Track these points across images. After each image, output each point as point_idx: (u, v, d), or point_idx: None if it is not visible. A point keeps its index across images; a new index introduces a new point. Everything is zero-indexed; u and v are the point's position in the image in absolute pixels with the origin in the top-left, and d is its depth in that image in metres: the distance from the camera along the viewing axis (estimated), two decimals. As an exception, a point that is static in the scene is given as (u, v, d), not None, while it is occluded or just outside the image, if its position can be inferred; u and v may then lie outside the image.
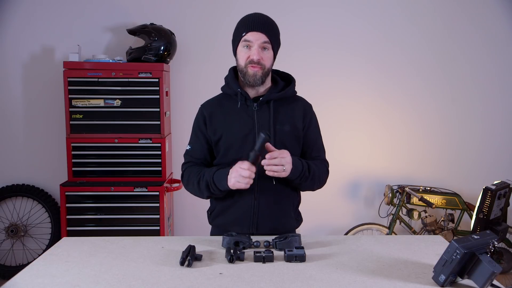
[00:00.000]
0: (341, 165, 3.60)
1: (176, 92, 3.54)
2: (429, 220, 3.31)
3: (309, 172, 1.72)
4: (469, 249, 1.24)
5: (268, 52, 1.70)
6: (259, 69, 1.69)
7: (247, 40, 1.68)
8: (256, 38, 1.67)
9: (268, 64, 1.71)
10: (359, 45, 3.59)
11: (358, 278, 1.36)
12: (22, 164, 3.56)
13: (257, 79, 1.70)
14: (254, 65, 1.68)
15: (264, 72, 1.70)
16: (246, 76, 1.71)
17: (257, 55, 1.67)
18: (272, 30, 1.71)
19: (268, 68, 1.72)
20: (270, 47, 1.70)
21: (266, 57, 1.69)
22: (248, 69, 1.70)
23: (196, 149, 1.82)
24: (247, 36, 1.68)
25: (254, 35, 1.67)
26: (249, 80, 1.71)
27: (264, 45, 1.68)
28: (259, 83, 1.72)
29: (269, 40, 1.68)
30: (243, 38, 1.69)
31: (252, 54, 1.68)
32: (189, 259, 1.45)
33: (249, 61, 1.68)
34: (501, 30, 3.60)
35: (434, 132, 3.68)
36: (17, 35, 3.47)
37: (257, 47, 1.67)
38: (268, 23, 1.71)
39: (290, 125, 1.76)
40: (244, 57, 1.70)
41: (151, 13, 3.45)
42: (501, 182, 3.07)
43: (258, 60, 1.67)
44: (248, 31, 1.67)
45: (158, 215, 3.14)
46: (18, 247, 3.58)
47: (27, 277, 1.37)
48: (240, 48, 1.71)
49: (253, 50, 1.68)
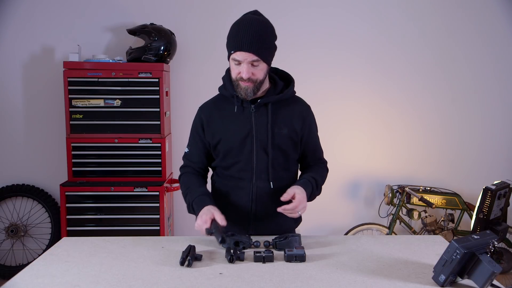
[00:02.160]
0: (341, 165, 3.60)
1: (176, 92, 3.54)
2: (429, 220, 3.31)
3: (318, 189, 1.77)
4: (469, 249, 1.24)
5: (259, 66, 1.64)
6: (250, 84, 1.65)
7: (235, 59, 1.63)
8: (244, 57, 1.61)
9: (260, 77, 1.66)
10: (359, 45, 3.59)
11: (358, 278, 1.36)
12: (22, 164, 3.56)
13: (249, 92, 1.66)
14: (245, 81, 1.64)
15: (256, 84, 1.66)
16: (238, 89, 1.68)
17: (246, 74, 1.62)
18: (262, 45, 1.62)
19: (261, 79, 1.67)
20: (261, 62, 1.63)
21: (257, 72, 1.64)
22: (239, 83, 1.66)
23: (193, 153, 1.83)
24: (235, 55, 1.62)
25: (242, 54, 1.60)
26: (240, 93, 1.67)
27: (253, 62, 1.62)
28: (250, 97, 1.68)
29: (259, 58, 1.61)
30: (231, 56, 1.64)
31: (241, 72, 1.63)
32: (189, 259, 1.45)
33: (240, 77, 1.65)
34: (501, 30, 3.60)
35: (434, 132, 3.68)
36: (17, 35, 3.47)
37: (246, 65, 1.62)
38: (257, 38, 1.60)
39: (288, 129, 1.75)
40: (235, 72, 1.66)
41: (151, 13, 3.45)
42: (501, 182, 3.07)
43: (247, 78, 1.63)
44: (236, 50, 1.61)
45: (158, 215, 3.14)
46: (18, 247, 3.58)
47: (27, 277, 1.37)
48: (231, 62, 1.67)
49: (242, 68, 1.63)
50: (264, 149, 1.72)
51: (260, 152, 1.72)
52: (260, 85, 1.69)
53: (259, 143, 1.72)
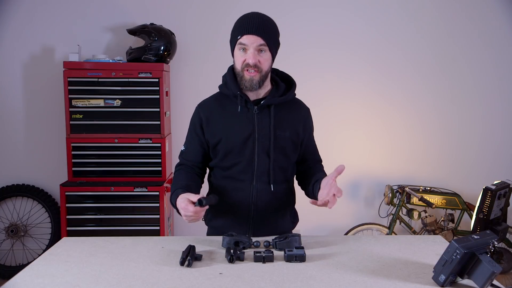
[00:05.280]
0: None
1: (176, 92, 3.54)
2: (429, 220, 3.31)
3: None
4: (469, 249, 1.24)
5: (265, 54, 1.64)
6: (255, 73, 1.64)
7: (242, 43, 1.62)
8: (251, 41, 1.61)
9: (265, 67, 1.66)
10: (359, 45, 3.59)
11: (358, 278, 1.36)
12: (22, 164, 3.56)
13: (254, 84, 1.65)
14: (250, 69, 1.63)
15: (262, 75, 1.66)
16: (243, 81, 1.66)
17: (253, 59, 1.62)
18: (269, 32, 1.64)
19: (266, 71, 1.67)
20: (267, 49, 1.64)
21: (263, 60, 1.64)
22: (244, 74, 1.65)
23: (190, 151, 1.80)
24: (242, 39, 1.62)
25: (249, 38, 1.61)
26: (245, 85, 1.66)
27: (260, 47, 1.62)
28: (256, 88, 1.67)
29: (266, 43, 1.62)
30: (238, 41, 1.63)
31: (248, 58, 1.62)
32: (189, 259, 1.45)
33: (245, 65, 1.64)
34: (501, 30, 3.60)
35: (434, 132, 3.68)
36: (17, 35, 3.47)
37: (253, 50, 1.62)
38: (264, 24, 1.64)
39: (290, 131, 1.74)
40: (240, 60, 1.65)
41: (151, 13, 3.45)
42: (501, 182, 3.07)
43: (254, 64, 1.62)
44: (243, 34, 1.62)
45: (158, 215, 3.14)
46: (18, 247, 3.58)
47: (27, 277, 1.37)
48: (236, 51, 1.66)
49: (249, 54, 1.62)
50: (266, 151, 1.71)
51: (262, 154, 1.71)
52: (265, 78, 1.69)
53: (261, 145, 1.71)
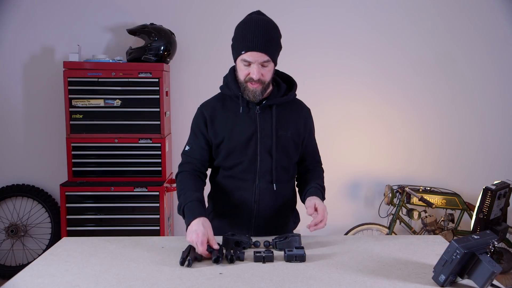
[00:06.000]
0: (341, 165, 3.60)
1: (176, 92, 3.54)
2: (429, 220, 3.31)
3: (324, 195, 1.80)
4: (469, 249, 1.24)
5: (269, 66, 1.64)
6: (259, 85, 1.64)
7: (246, 60, 1.61)
8: (255, 58, 1.60)
9: (268, 78, 1.66)
10: (359, 45, 3.59)
11: (358, 278, 1.36)
12: (22, 164, 3.56)
13: (257, 95, 1.66)
14: (254, 82, 1.63)
15: (264, 86, 1.66)
16: (246, 91, 1.66)
17: (257, 75, 1.61)
18: (272, 45, 1.63)
19: (268, 81, 1.67)
20: (270, 61, 1.63)
21: (266, 72, 1.64)
22: (247, 85, 1.65)
23: (195, 150, 1.78)
24: (246, 56, 1.60)
25: (254, 55, 1.59)
26: (248, 96, 1.66)
27: (264, 63, 1.62)
28: (258, 99, 1.68)
29: (270, 58, 1.62)
30: (242, 57, 1.62)
31: (252, 73, 1.61)
32: (189, 259, 1.45)
33: (249, 78, 1.63)
34: (501, 30, 3.60)
35: (434, 132, 3.68)
36: (17, 35, 3.47)
37: (257, 66, 1.61)
38: (269, 39, 1.61)
39: (292, 131, 1.75)
40: (243, 73, 1.64)
41: (151, 13, 3.45)
42: (501, 182, 3.07)
43: (258, 79, 1.62)
44: (247, 51, 1.59)
45: (158, 215, 3.14)
46: (18, 247, 3.58)
47: (27, 277, 1.37)
48: (239, 62, 1.65)
49: (252, 69, 1.61)
50: (268, 150, 1.72)
51: (264, 153, 1.72)
52: (268, 87, 1.69)
53: (263, 144, 1.71)
